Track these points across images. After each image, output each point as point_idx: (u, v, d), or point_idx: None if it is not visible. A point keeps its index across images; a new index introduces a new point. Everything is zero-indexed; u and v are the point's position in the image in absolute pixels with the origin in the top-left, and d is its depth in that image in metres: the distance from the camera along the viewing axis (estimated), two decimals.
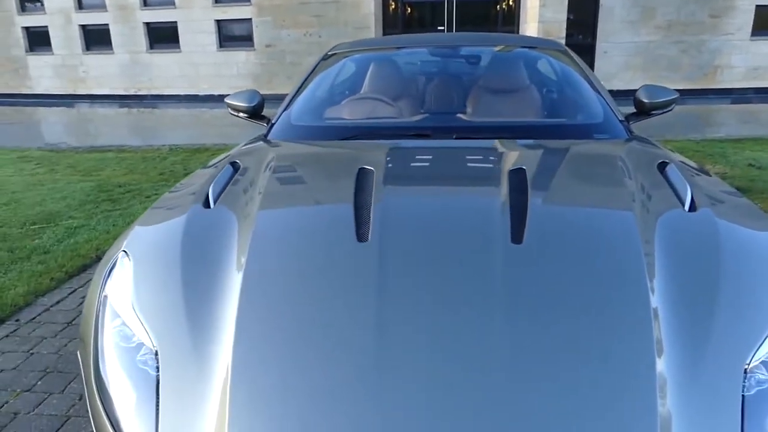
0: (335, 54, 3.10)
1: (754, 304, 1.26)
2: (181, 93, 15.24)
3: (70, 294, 3.20)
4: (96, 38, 15.61)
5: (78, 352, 1.49)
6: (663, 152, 2.14)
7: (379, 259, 1.34)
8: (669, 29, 13.50)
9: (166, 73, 15.31)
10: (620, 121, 2.43)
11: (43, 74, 16.27)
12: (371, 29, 14.24)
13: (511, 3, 14.69)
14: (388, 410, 1.02)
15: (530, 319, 1.18)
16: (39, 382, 2.38)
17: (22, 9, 16.07)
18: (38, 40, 16.06)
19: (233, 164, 2.05)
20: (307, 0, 14.21)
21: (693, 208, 1.59)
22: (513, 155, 2.00)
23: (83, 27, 15.61)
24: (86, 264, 3.58)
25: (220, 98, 14.84)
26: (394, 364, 1.10)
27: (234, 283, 1.34)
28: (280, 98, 3.10)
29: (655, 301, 1.23)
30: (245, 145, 2.44)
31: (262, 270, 1.37)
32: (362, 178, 1.74)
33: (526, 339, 1.14)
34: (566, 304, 1.22)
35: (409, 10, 15.43)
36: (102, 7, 15.25)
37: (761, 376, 1.14)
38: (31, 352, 2.61)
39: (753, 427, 1.05)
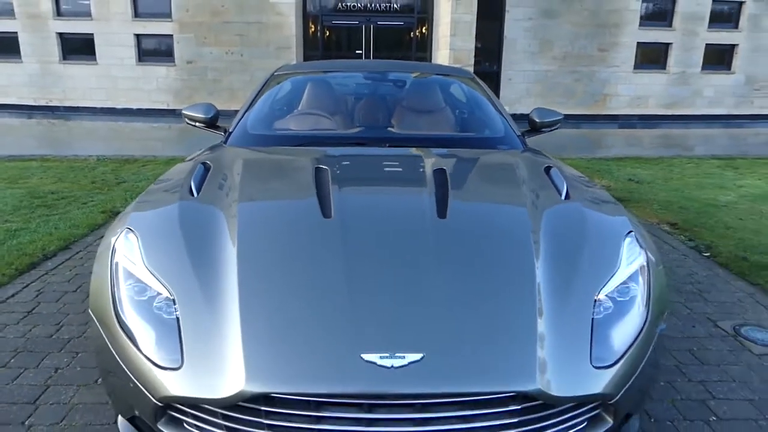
0: (280, 75, 3.56)
1: (603, 260, 1.85)
2: (98, 105, 14.87)
3: (24, 288, 3.39)
4: (3, 46, 14.94)
5: (90, 311, 1.83)
6: (550, 160, 2.77)
7: (341, 229, 1.83)
8: (564, 60, 14.96)
9: (82, 84, 14.89)
10: (517, 135, 3.06)
11: None
12: (293, 50, 14.67)
13: (424, 31, 15.67)
14: (358, 311, 1.51)
15: (452, 262, 1.71)
16: (12, 360, 2.62)
17: None
18: None
19: (204, 164, 2.45)
20: (231, 19, 14.44)
21: (567, 197, 2.20)
22: (436, 159, 2.55)
23: None
24: (34, 262, 3.76)
25: (138, 112, 14.75)
26: (358, 284, 1.60)
27: (231, 241, 1.76)
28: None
29: (537, 256, 1.78)
30: (208, 150, 2.83)
31: (252, 233, 1.81)
32: (319, 174, 2.22)
33: (447, 272, 1.66)
34: (477, 254, 1.77)
35: (328, 33, 16.04)
36: (10, 14, 14.66)
37: (605, 305, 1.71)
38: None
39: (598, 335, 1.61)
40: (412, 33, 15.92)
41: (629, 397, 1.59)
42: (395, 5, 15.64)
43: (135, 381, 1.55)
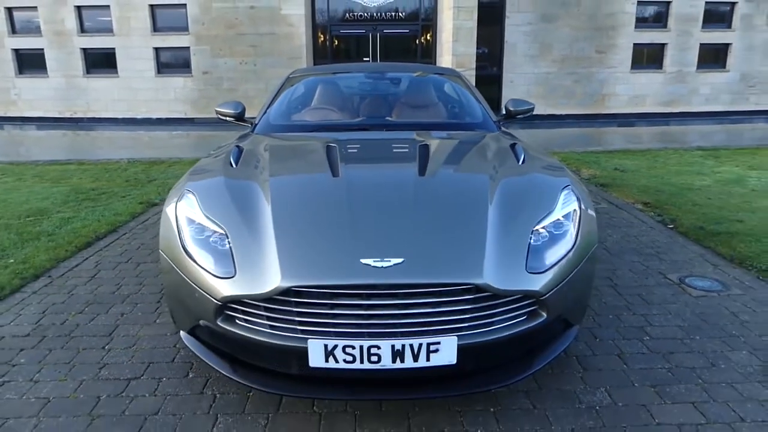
0: (294, 77, 4.22)
1: (542, 204, 2.45)
2: (119, 116, 15.70)
3: (84, 260, 4.06)
4: (29, 62, 15.84)
5: (161, 251, 2.46)
6: (517, 140, 3.37)
7: (346, 182, 2.48)
8: (563, 62, 15.55)
9: (104, 96, 15.74)
10: (494, 121, 3.68)
11: None
12: (303, 59, 15.39)
13: (428, 37, 16.34)
14: (357, 231, 2.14)
15: (426, 200, 2.34)
16: (86, 308, 3.27)
17: None
18: None
19: (238, 146, 3.10)
20: (244, 31, 15.21)
21: (524, 164, 2.81)
22: (422, 137, 3.18)
23: (16, 51, 15.81)
24: (89, 242, 4.43)
25: (157, 121, 15.55)
26: (358, 214, 2.24)
27: (263, 193, 2.40)
28: (217, 121, 4.14)
29: (491, 200, 2.39)
30: (239, 138, 3.47)
31: (279, 186, 2.46)
32: (329, 150, 2.86)
33: (421, 207, 2.30)
34: (445, 196, 2.40)
35: (336, 42, 16.76)
36: (36, 32, 15.55)
37: (542, 234, 2.31)
38: (70, 293, 3.49)
39: (533, 253, 2.21)
40: (417, 40, 16.59)
41: (558, 300, 2.18)
42: (400, 14, 16.31)
43: (200, 290, 2.18)
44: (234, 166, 2.79)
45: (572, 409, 2.31)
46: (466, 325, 2.02)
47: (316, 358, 1.98)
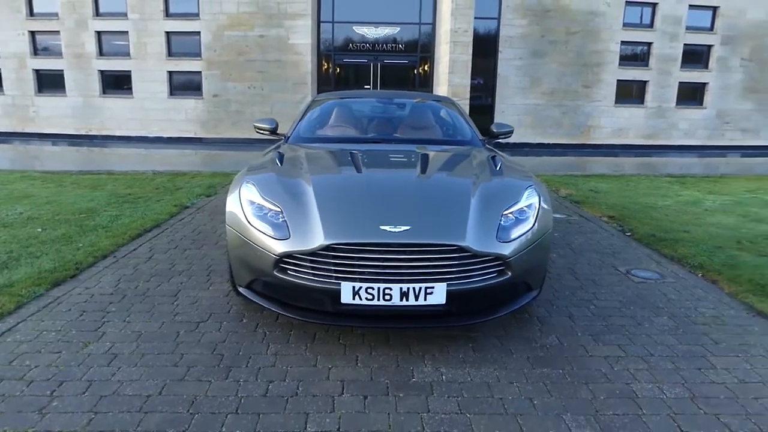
0: (318, 100, 5.14)
1: (510, 198, 3.32)
2: (132, 134, 16.64)
3: (139, 246, 4.89)
4: (49, 82, 16.81)
5: (227, 225, 3.31)
6: (497, 153, 4.26)
7: (367, 177, 3.36)
8: (552, 95, 16.68)
9: (119, 115, 16.70)
10: (480, 139, 4.59)
11: None
12: (308, 85, 16.44)
13: (426, 68, 17.46)
14: (377, 207, 3.00)
15: (426, 190, 3.23)
16: (151, 279, 4.10)
17: None
18: None
19: (279, 152, 3.98)
20: (253, 58, 16.27)
21: (500, 171, 3.71)
22: (423, 149, 4.08)
23: (37, 71, 16.79)
24: (139, 233, 5.27)
25: (168, 140, 16.49)
26: (377, 197, 3.12)
27: (306, 183, 3.27)
28: (225, 141, 5.01)
29: (473, 194, 3.26)
30: (276, 146, 4.36)
31: (318, 178, 3.34)
32: (352, 155, 3.75)
33: (423, 194, 3.17)
34: (441, 188, 3.29)
35: (339, 70, 17.86)
36: (57, 54, 16.55)
37: (509, 218, 3.18)
38: (135, 268, 4.32)
39: (502, 229, 3.07)
40: (415, 70, 17.72)
41: (519, 264, 3.03)
42: (400, 45, 17.47)
43: (262, 249, 3.02)
44: (280, 165, 3.67)
45: (529, 346, 3.15)
46: (453, 275, 2.88)
47: (346, 296, 2.83)
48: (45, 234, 5.15)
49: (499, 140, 4.91)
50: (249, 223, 3.15)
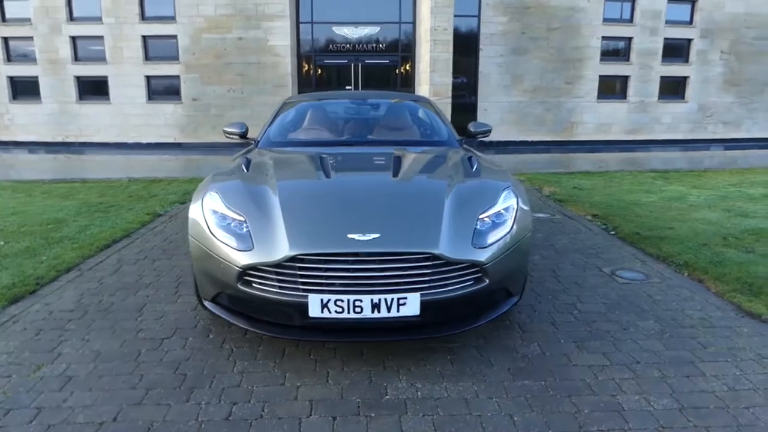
0: (289, 102, 4.96)
1: (486, 200, 3.16)
2: (111, 141, 16.32)
3: (107, 258, 4.68)
4: (24, 89, 16.44)
5: (190, 236, 3.12)
6: (473, 154, 4.11)
7: (336, 182, 3.20)
8: (534, 92, 16.61)
9: (96, 122, 16.36)
10: (457, 139, 4.44)
11: None
12: (288, 87, 16.23)
13: (407, 68, 17.32)
14: (345, 214, 2.84)
15: (397, 195, 3.07)
16: (117, 293, 3.90)
17: None
18: None
19: (246, 158, 3.80)
20: (232, 61, 16.03)
21: (477, 172, 3.56)
22: (396, 151, 3.92)
23: (11, 78, 16.41)
24: (107, 244, 5.06)
25: (147, 146, 16.18)
26: (346, 203, 2.95)
27: (271, 190, 3.09)
28: (205, 146, 4.82)
29: (447, 196, 3.11)
30: (245, 152, 4.17)
31: (284, 185, 3.16)
32: (322, 158, 3.58)
33: (394, 198, 3.02)
34: (413, 191, 3.14)
35: (320, 71, 17.66)
36: (32, 60, 16.19)
37: (486, 221, 3.03)
38: (101, 281, 4.12)
39: (478, 234, 2.92)
40: (396, 70, 17.57)
41: (497, 270, 2.88)
42: (381, 45, 17.31)
43: (225, 261, 2.85)
44: (246, 171, 3.49)
45: (510, 356, 3.00)
46: (426, 285, 2.72)
47: (314, 309, 2.66)
48: (7, 247, 4.92)
49: (481, 139, 4.76)
50: (212, 233, 2.97)
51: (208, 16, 15.87)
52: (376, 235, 2.73)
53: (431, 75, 15.10)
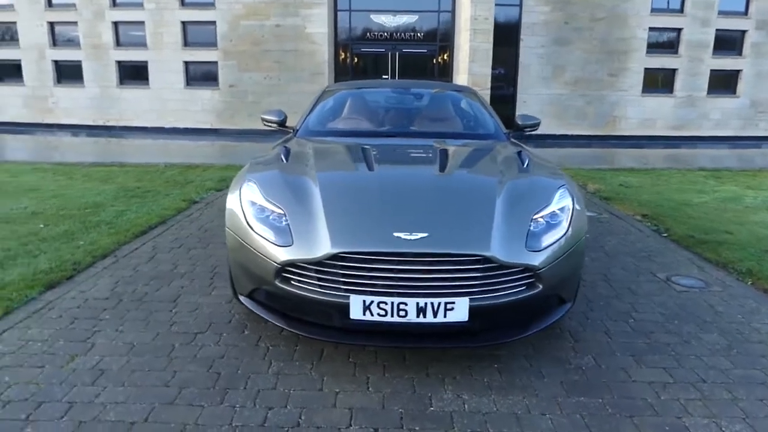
0: (329, 90, 4.79)
1: (541, 200, 2.95)
2: (149, 125, 16.48)
3: (142, 245, 4.62)
4: (68, 73, 16.72)
5: (227, 229, 2.99)
6: (523, 148, 3.89)
7: (380, 175, 3.02)
8: (576, 84, 16.10)
9: (136, 106, 16.54)
10: (504, 132, 4.21)
11: (10, 103, 17.11)
12: (325, 75, 16.09)
13: (445, 57, 16.99)
14: (392, 211, 2.67)
15: (446, 191, 2.88)
16: (151, 282, 3.82)
17: None
18: (10, 71, 17.03)
19: (285, 147, 3.66)
20: (270, 48, 15.97)
21: (527, 168, 3.34)
22: (442, 144, 3.72)
23: (56, 62, 16.70)
24: (143, 230, 5.00)
25: (184, 131, 16.27)
26: (392, 199, 2.78)
27: (312, 181, 2.94)
28: (241, 132, 4.68)
29: (498, 194, 2.91)
30: (284, 140, 4.03)
31: (325, 176, 3.00)
32: (364, 150, 3.41)
33: (443, 196, 2.83)
34: (462, 188, 2.94)
35: (357, 60, 17.46)
36: (76, 45, 16.44)
37: (540, 222, 2.82)
38: (135, 269, 4.04)
39: (532, 236, 2.72)
40: (434, 59, 17.25)
41: (551, 275, 2.68)
42: (419, 34, 17.01)
43: (263, 256, 2.71)
44: (285, 162, 3.34)
45: (563, 368, 2.79)
46: (476, 289, 2.53)
47: (356, 311, 2.50)
48: (46, 230, 4.91)
49: (524, 132, 4.51)
50: (249, 226, 2.83)
51: (246, 3, 15.81)
52: (424, 235, 2.55)
53: (470, 65, 14.76)
